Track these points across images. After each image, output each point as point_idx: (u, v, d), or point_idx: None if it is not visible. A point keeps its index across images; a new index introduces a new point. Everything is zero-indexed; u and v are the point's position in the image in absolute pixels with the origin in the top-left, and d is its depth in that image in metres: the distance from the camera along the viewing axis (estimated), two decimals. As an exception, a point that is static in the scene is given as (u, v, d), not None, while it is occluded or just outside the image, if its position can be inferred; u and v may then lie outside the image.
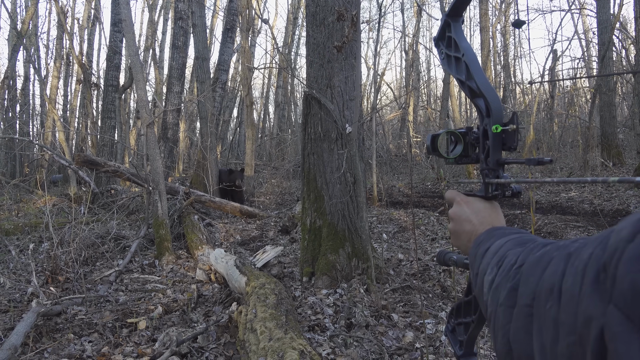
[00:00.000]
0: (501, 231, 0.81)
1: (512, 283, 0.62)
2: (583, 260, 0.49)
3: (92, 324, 3.71)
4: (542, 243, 0.64)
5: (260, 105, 30.20)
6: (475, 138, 0.99)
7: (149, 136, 6.22)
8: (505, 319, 0.61)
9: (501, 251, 0.71)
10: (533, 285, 0.57)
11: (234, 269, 4.30)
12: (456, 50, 1.01)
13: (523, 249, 0.66)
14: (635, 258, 0.42)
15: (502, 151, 0.93)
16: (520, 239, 0.73)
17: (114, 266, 5.41)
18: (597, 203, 8.53)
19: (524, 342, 0.56)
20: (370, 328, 3.44)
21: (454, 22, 1.02)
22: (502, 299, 0.63)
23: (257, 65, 21.41)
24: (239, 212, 8.74)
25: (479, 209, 0.92)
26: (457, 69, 1.00)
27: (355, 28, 4.29)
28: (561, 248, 0.56)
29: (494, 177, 0.93)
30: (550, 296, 0.52)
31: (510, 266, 0.65)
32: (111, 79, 12.01)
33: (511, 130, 0.90)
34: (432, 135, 1.05)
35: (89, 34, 20.04)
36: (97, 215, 7.49)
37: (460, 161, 1.02)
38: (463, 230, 0.92)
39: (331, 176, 4.43)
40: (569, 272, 0.51)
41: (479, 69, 0.96)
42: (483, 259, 0.75)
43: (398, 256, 5.47)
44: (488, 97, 0.93)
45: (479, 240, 0.82)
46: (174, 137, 12.66)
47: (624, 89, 19.41)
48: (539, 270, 0.57)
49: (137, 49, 6.70)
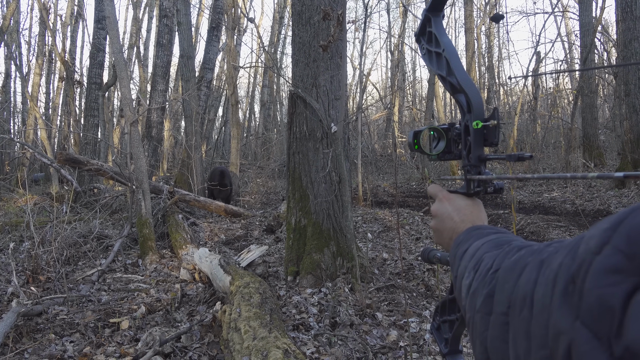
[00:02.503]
0: (479, 231, 0.80)
1: (488, 289, 0.60)
2: (553, 270, 0.47)
3: (73, 324, 3.67)
4: (518, 246, 0.63)
5: (246, 104, 30.09)
6: (457, 134, 0.98)
7: (132, 134, 6.17)
8: (482, 327, 0.59)
9: (478, 254, 0.70)
10: (508, 293, 0.55)
11: (218, 268, 4.28)
12: (437, 45, 1.00)
13: (499, 251, 0.65)
14: (601, 272, 0.40)
15: (484, 147, 0.92)
16: (498, 241, 0.72)
17: (96, 266, 5.35)
18: (579, 203, 8.66)
19: (501, 351, 0.55)
20: (355, 327, 3.45)
21: (434, 17, 1.01)
22: (478, 305, 0.61)
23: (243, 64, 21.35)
24: (223, 212, 8.70)
25: (460, 206, 0.92)
26: (438, 65, 0.99)
27: (341, 27, 4.30)
28: (535, 253, 0.55)
29: (476, 173, 0.92)
30: (524, 306, 0.51)
31: (486, 271, 0.63)
32: (94, 76, 11.88)
33: (492, 126, 0.89)
34: (414, 131, 1.04)
35: (72, 30, 19.79)
36: (79, 215, 7.39)
37: (443, 157, 1.01)
38: (445, 228, 0.91)
39: (316, 175, 4.43)
40: (540, 282, 0.49)
41: (459, 64, 0.96)
42: (462, 260, 0.74)
43: (383, 255, 5.49)
44: (469, 92, 0.92)
45: (458, 240, 0.82)
46: (158, 135, 12.56)
47: (606, 91, 19.73)
48: (514, 277, 0.55)
49: (121, 47, 6.63)
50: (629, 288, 0.38)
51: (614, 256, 0.40)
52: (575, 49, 20.46)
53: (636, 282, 0.38)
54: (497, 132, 0.89)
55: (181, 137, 19.47)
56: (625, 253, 0.39)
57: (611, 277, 0.39)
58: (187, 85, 11.07)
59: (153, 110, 11.93)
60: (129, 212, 6.74)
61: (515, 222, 4.76)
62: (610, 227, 0.42)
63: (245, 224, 8.16)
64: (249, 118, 29.40)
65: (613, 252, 0.40)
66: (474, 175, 0.92)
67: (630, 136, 9.76)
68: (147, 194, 6.07)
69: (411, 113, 23.78)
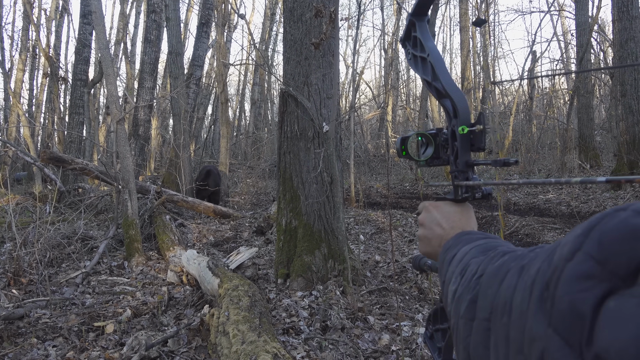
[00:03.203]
0: (469, 236, 0.81)
1: (472, 295, 0.61)
2: (531, 276, 0.48)
3: (56, 328, 3.64)
4: (502, 252, 0.64)
5: (236, 103, 30.05)
6: (445, 139, 0.99)
7: (119, 133, 6.14)
8: (465, 332, 0.60)
9: (465, 259, 0.71)
10: (491, 299, 0.56)
11: (207, 271, 4.27)
12: (422, 50, 1.01)
13: (485, 257, 0.66)
14: (573, 278, 0.41)
15: (471, 152, 0.93)
16: (486, 246, 0.72)
17: (80, 268, 5.31)
18: (575, 205, 8.73)
19: (484, 358, 0.56)
20: (346, 331, 3.46)
21: (419, 22, 1.02)
22: (462, 311, 0.62)
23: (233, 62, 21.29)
24: (212, 213, 8.68)
25: (448, 212, 0.92)
26: (424, 70, 1.00)
27: (333, 25, 4.30)
28: (518, 259, 0.56)
29: (464, 179, 0.93)
30: (504, 312, 0.51)
31: (471, 276, 0.64)
32: (80, 72, 11.81)
33: (478, 131, 0.90)
34: (401, 137, 1.04)
35: (57, 25, 19.63)
36: (63, 215, 7.34)
37: (432, 163, 1.02)
38: (434, 235, 0.92)
39: (307, 176, 4.44)
40: (519, 287, 0.50)
41: (444, 69, 0.96)
42: (449, 266, 0.75)
43: (375, 258, 5.50)
44: (454, 97, 0.93)
45: (447, 246, 0.82)
46: (146, 134, 12.51)
47: (602, 91, 19.90)
48: (497, 283, 0.56)
49: (107, 42, 6.60)
50: (600, 294, 0.38)
51: (586, 262, 0.40)
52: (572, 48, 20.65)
53: (607, 288, 0.38)
54: (484, 137, 0.90)
55: (169, 135, 19.39)
56: (596, 259, 0.40)
57: (582, 283, 0.40)
58: (175, 82, 11.03)
59: (140, 108, 11.87)
60: (115, 212, 6.70)
61: (504, 227, 4.79)
62: (582, 233, 0.43)
63: (235, 225, 8.14)
64: (239, 117, 29.37)
65: (584, 258, 0.41)
66: (461, 181, 0.93)
67: (627, 137, 9.87)
68: (133, 194, 6.04)
69: (405, 112, 23.86)
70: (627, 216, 0.40)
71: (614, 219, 0.41)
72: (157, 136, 20.16)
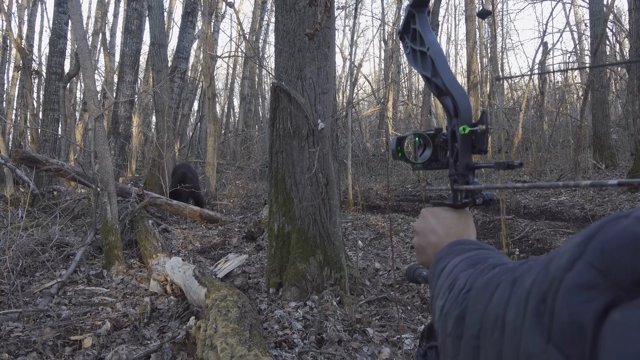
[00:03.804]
0: (461, 247, 0.80)
1: (460, 310, 0.61)
2: (526, 289, 0.48)
3: (30, 342, 3.63)
4: (492, 264, 0.64)
5: (224, 98, 30.03)
6: (444, 140, 0.99)
7: (97, 131, 6.13)
8: (453, 351, 0.60)
9: (454, 272, 0.71)
10: (480, 315, 0.55)
11: (193, 280, 4.27)
12: (421, 44, 1.01)
13: (474, 270, 0.66)
14: (573, 289, 0.40)
15: (472, 154, 0.92)
16: (476, 258, 0.72)
17: (56, 277, 5.30)
18: (589, 208, 8.76)
19: None
20: (344, 344, 3.47)
21: (418, 14, 1.02)
22: (449, 328, 0.62)
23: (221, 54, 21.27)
24: (198, 217, 8.67)
25: (444, 218, 0.92)
26: (423, 65, 1.01)
27: (329, 14, 4.31)
28: (509, 271, 0.56)
29: (464, 182, 0.93)
30: (496, 328, 0.51)
31: (459, 290, 0.64)
32: (55, 65, 11.77)
33: (480, 131, 0.90)
34: (397, 137, 1.04)
35: (30, 14, 19.58)
36: (37, 220, 7.33)
37: (429, 166, 1.02)
38: (429, 243, 0.92)
39: (301, 177, 4.44)
40: (512, 301, 0.49)
41: (445, 64, 0.97)
42: (439, 279, 0.74)
43: (375, 265, 5.52)
44: (455, 95, 0.93)
45: (439, 256, 0.82)
46: (126, 132, 12.50)
47: (618, 85, 19.98)
48: (486, 297, 0.56)
49: (84, 33, 6.59)
50: (602, 305, 0.38)
51: (587, 272, 0.40)
52: (585, 39, 20.73)
53: (610, 299, 0.38)
54: (486, 138, 0.90)
55: (152, 133, 19.38)
56: (598, 268, 0.40)
57: (583, 294, 0.40)
58: (158, 76, 11.03)
59: (120, 103, 11.86)
60: (93, 217, 6.69)
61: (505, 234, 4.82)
62: (582, 242, 0.43)
63: (223, 230, 8.14)
64: (227, 113, 29.36)
65: (585, 268, 0.41)
66: (461, 185, 0.93)
67: (645, 135, 9.91)
68: (113, 197, 6.03)
69: (407, 108, 23.91)
70: (629, 223, 0.40)
71: (616, 226, 0.41)
72: (139, 134, 20.12)
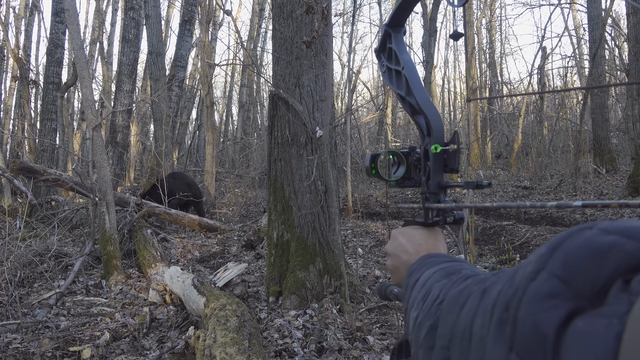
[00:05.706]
0: (433, 259, 0.82)
1: (432, 321, 0.62)
2: (492, 299, 0.48)
3: (28, 354, 3.63)
4: (465, 275, 0.65)
5: (222, 106, 30.09)
6: (417, 159, 1.00)
7: (95, 140, 6.14)
8: None
9: (428, 284, 0.72)
10: (451, 325, 0.56)
11: (192, 289, 4.27)
12: (397, 62, 1.03)
13: (447, 281, 0.67)
14: (536, 298, 0.41)
15: (445, 173, 0.95)
16: (449, 269, 0.73)
17: (54, 287, 5.30)
18: (590, 213, 8.77)
19: None
20: (344, 352, 3.47)
21: (395, 33, 1.04)
22: (422, 339, 0.62)
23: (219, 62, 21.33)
24: (197, 226, 8.67)
25: (414, 236, 0.94)
26: (398, 84, 1.02)
27: (326, 22, 4.34)
28: (480, 282, 0.56)
29: (435, 201, 0.95)
30: (464, 338, 0.51)
31: (432, 301, 0.65)
32: (52, 75, 11.80)
33: (452, 151, 0.91)
34: (371, 155, 1.05)
35: (27, 24, 19.65)
36: (35, 230, 7.32)
37: (403, 184, 1.03)
38: (400, 262, 0.93)
39: (300, 185, 4.45)
40: (480, 312, 0.50)
41: (419, 83, 0.98)
42: (412, 292, 0.75)
43: (375, 273, 5.52)
44: (428, 114, 0.95)
45: (411, 270, 0.83)
46: (124, 141, 12.51)
47: (618, 90, 20.02)
48: (457, 308, 0.56)
49: (82, 42, 6.62)
50: (565, 313, 0.39)
51: (550, 281, 0.41)
52: (584, 43, 20.79)
53: (573, 308, 0.39)
54: (457, 157, 0.92)
55: (150, 142, 19.39)
56: (561, 278, 0.41)
57: (546, 303, 0.40)
58: (156, 85, 11.06)
59: (118, 113, 11.88)
60: (91, 227, 6.69)
61: (474, 253, 4.83)
62: (547, 252, 0.44)
63: (222, 239, 8.14)
64: (226, 121, 29.40)
65: (549, 277, 0.42)
66: (432, 203, 0.94)
67: (645, 139, 9.93)
68: (111, 207, 6.03)
69: (405, 115, 23.92)
70: (592, 235, 0.42)
71: (580, 237, 0.42)
72: (137, 143, 20.14)
